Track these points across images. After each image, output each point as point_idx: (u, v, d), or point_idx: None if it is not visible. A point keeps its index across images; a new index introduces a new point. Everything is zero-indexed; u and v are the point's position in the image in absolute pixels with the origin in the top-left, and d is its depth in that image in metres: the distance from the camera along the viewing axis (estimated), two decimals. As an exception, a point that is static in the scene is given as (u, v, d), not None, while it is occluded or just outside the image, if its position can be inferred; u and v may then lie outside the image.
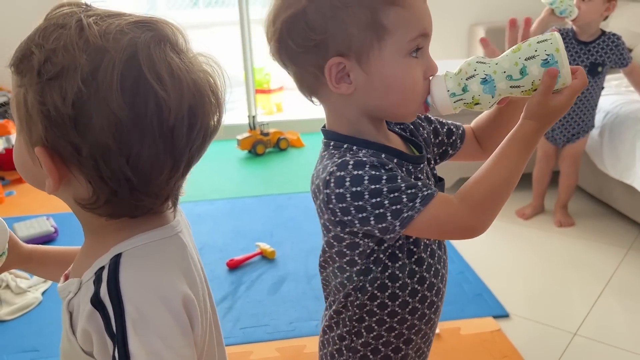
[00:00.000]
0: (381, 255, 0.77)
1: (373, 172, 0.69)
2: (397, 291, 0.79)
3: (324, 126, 0.79)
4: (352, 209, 0.69)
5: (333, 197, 0.70)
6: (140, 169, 0.52)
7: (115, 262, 0.55)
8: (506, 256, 2.13)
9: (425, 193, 0.69)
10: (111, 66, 0.50)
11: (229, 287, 1.90)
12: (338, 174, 0.69)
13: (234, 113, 3.86)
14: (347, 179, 0.69)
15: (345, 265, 0.78)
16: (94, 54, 0.50)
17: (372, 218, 0.69)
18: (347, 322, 0.82)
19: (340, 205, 0.70)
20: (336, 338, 0.84)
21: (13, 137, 2.82)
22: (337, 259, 0.79)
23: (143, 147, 0.51)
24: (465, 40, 3.45)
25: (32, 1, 3.24)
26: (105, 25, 0.52)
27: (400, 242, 0.77)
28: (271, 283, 1.93)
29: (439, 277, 0.83)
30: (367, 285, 0.78)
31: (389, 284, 0.78)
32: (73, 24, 0.51)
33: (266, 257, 2.09)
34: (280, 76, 4.86)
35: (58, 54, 0.50)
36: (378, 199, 0.68)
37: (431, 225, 0.69)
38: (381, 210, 0.68)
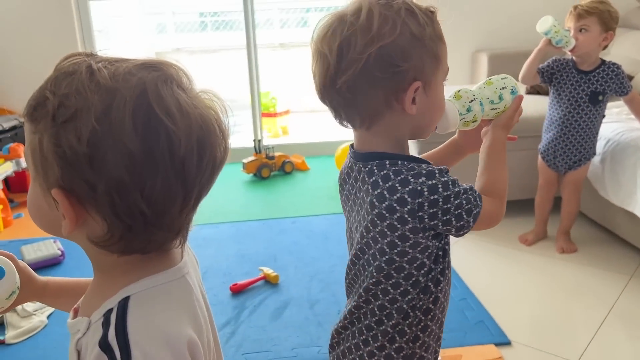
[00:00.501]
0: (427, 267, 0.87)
1: (446, 179, 0.81)
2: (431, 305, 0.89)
3: (354, 148, 0.90)
4: (440, 212, 0.80)
5: (426, 204, 0.80)
6: (154, 201, 0.54)
7: (124, 305, 0.57)
8: (508, 282, 2.13)
9: (476, 192, 0.85)
10: (123, 104, 0.52)
11: (232, 312, 1.91)
12: (430, 182, 0.80)
13: (239, 136, 3.90)
14: (440, 186, 0.80)
15: (401, 280, 0.86)
16: (106, 94, 0.53)
17: (453, 219, 0.82)
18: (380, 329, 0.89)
19: (431, 210, 0.80)
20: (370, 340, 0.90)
21: (23, 161, 2.87)
22: (393, 273, 0.86)
23: (156, 180, 0.54)
24: (469, 66, 3.49)
25: (46, 37, 3.32)
26: (114, 69, 0.55)
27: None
28: (274, 308, 1.94)
29: (447, 297, 0.93)
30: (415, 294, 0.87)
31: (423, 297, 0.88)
32: (83, 69, 0.54)
33: (269, 282, 2.10)
34: (286, 100, 4.92)
35: (71, 97, 0.53)
36: (457, 201, 0.81)
37: (485, 218, 0.85)
38: (459, 211, 0.82)
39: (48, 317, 1.89)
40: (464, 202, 0.81)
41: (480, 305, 1.92)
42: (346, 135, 2.44)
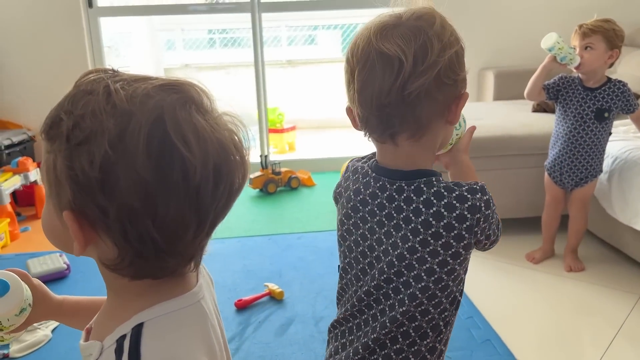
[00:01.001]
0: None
1: (490, 194, 0.84)
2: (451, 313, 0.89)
3: (380, 167, 0.88)
4: (487, 227, 0.83)
5: (482, 220, 0.81)
6: (165, 229, 0.53)
7: (137, 332, 0.55)
8: (515, 300, 2.11)
9: None
10: (137, 129, 0.51)
11: (236, 328, 1.91)
12: (485, 198, 0.81)
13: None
14: (491, 201, 0.82)
15: (431, 284, 0.84)
16: (121, 117, 0.51)
17: (492, 233, 0.85)
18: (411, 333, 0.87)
19: (483, 225, 0.82)
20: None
21: (31, 175, 2.89)
22: (424, 276, 0.84)
23: (169, 208, 0.52)
24: (475, 84, 3.50)
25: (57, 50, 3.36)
26: (131, 90, 0.53)
27: None
28: (279, 325, 1.93)
29: None
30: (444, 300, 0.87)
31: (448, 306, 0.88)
32: (101, 89, 0.53)
33: (274, 298, 2.10)
34: (293, 116, 4.94)
35: (86, 119, 0.52)
36: (496, 215, 0.86)
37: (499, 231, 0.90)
38: (496, 225, 0.87)
39: (52, 331, 1.89)
40: (497, 216, 0.86)
41: (486, 323, 1.90)
42: (352, 151, 2.44)
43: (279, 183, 3.41)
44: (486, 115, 2.75)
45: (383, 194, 0.85)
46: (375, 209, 0.86)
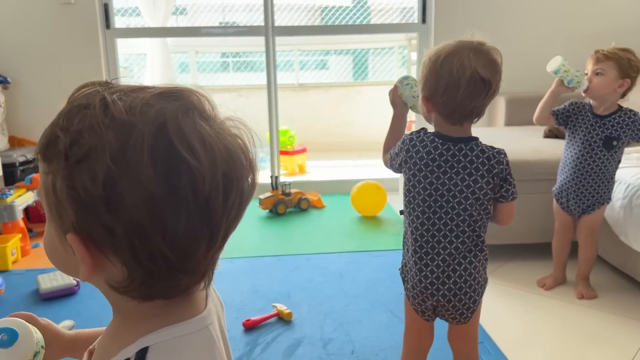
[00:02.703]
0: None
1: None
2: None
3: (445, 136, 1.32)
4: (510, 173, 1.32)
5: (507, 168, 1.31)
6: (177, 245, 0.50)
7: (141, 357, 0.52)
8: (526, 326, 2.08)
9: None
10: (140, 140, 0.48)
11: (244, 348, 1.89)
12: (507, 157, 1.31)
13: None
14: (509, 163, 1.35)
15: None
16: (122, 130, 0.48)
17: (513, 184, 1.34)
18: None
19: (508, 171, 1.31)
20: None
21: (44, 191, 2.92)
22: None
23: (179, 222, 0.49)
24: (486, 109, 3.51)
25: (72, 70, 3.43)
26: (130, 100, 0.50)
27: None
28: (286, 346, 1.92)
29: None
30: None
31: None
32: (97, 102, 0.50)
33: (282, 319, 2.09)
34: (303, 138, 4.96)
35: (84, 135, 0.48)
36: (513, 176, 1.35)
37: None
38: (513, 185, 1.35)
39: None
40: (514, 181, 1.35)
41: (497, 349, 1.88)
42: (362, 174, 2.44)
43: (289, 204, 3.42)
44: (497, 140, 2.72)
45: (448, 152, 1.30)
46: (442, 162, 1.30)
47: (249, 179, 0.55)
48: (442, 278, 1.32)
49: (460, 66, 1.22)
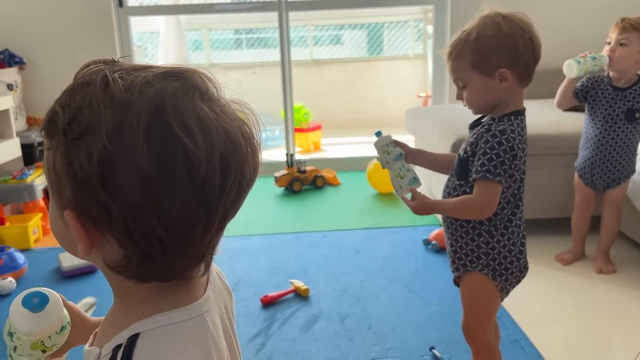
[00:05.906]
0: None
1: None
2: None
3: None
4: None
5: None
6: (172, 226, 0.49)
7: (131, 343, 0.52)
8: (545, 302, 2.08)
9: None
10: (136, 120, 0.47)
11: (262, 324, 1.92)
12: None
13: (272, 151, 3.95)
14: None
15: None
16: (119, 108, 0.48)
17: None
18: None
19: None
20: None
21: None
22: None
23: (174, 204, 0.49)
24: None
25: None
26: (130, 79, 0.50)
27: None
28: (304, 321, 1.94)
29: None
30: None
31: None
32: (98, 80, 0.50)
33: (300, 295, 2.10)
34: (318, 115, 4.94)
35: (84, 112, 0.49)
36: None
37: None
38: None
39: None
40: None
41: (515, 324, 1.88)
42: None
43: (305, 182, 3.42)
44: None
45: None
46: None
47: (251, 164, 0.54)
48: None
49: (523, 23, 1.22)
